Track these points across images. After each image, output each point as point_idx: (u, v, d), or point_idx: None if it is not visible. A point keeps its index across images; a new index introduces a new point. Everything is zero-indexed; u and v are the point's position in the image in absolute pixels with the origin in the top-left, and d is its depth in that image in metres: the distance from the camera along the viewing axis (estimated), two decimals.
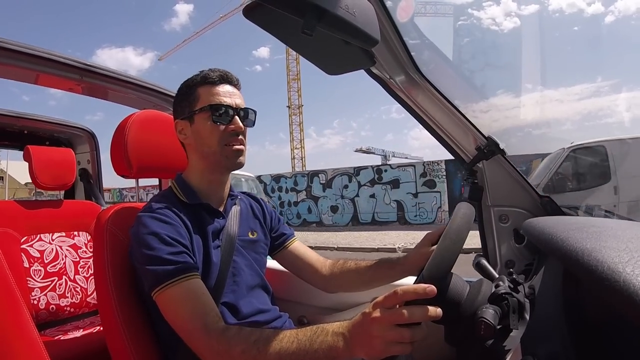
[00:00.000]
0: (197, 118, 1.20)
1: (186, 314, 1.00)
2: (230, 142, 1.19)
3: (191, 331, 0.99)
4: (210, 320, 0.99)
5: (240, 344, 0.92)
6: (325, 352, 0.83)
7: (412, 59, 1.18)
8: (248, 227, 1.35)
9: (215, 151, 1.19)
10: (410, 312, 0.74)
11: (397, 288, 0.77)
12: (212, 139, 1.18)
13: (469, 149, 1.37)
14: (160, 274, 1.03)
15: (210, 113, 1.18)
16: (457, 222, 0.86)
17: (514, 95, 1.43)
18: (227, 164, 1.21)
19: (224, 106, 1.18)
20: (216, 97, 1.19)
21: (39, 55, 1.55)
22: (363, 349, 0.79)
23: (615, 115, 4.39)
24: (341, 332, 0.83)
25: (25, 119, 2.51)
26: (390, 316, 0.76)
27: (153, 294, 1.03)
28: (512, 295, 0.80)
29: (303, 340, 0.86)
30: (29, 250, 2.04)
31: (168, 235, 1.08)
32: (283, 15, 0.68)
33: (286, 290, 1.60)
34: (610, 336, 0.64)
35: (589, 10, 14.38)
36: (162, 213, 1.12)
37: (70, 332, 1.97)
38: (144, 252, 1.06)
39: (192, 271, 1.06)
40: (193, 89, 1.21)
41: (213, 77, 1.20)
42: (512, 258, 1.37)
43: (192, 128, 1.21)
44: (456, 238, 0.82)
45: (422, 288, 0.74)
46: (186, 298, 1.02)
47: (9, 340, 1.08)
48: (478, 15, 3.07)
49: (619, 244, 0.55)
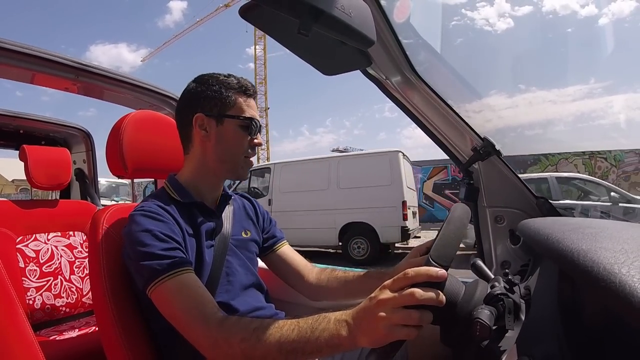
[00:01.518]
0: (227, 122, 1.21)
1: (183, 305, 0.99)
2: (250, 154, 1.25)
3: (189, 322, 0.97)
4: (208, 311, 0.98)
5: (239, 333, 0.91)
6: (327, 340, 0.81)
7: (408, 59, 1.18)
8: (241, 227, 1.35)
9: (237, 159, 1.23)
10: (421, 293, 0.72)
11: (407, 269, 0.75)
12: (238, 147, 1.22)
13: (464, 149, 1.37)
14: (155, 269, 1.02)
15: (244, 123, 1.22)
16: (458, 212, 0.87)
17: (507, 95, 1.44)
18: (240, 173, 1.26)
19: (256, 121, 1.23)
20: (250, 110, 1.23)
21: (35, 55, 1.54)
22: (366, 335, 0.77)
23: (608, 117, 4.51)
24: (344, 319, 0.81)
25: (21, 119, 2.50)
26: (400, 297, 0.73)
27: (148, 289, 1.02)
28: (507, 296, 0.80)
29: (304, 328, 0.84)
30: (25, 250, 2.03)
31: (161, 232, 1.08)
32: (279, 16, 0.68)
33: (281, 290, 1.59)
34: (605, 337, 0.64)
35: (582, 13, 14.34)
36: (155, 211, 1.12)
37: (66, 332, 1.96)
38: (137, 249, 1.05)
39: (187, 266, 1.06)
40: (230, 93, 1.22)
41: (250, 90, 1.25)
42: (508, 259, 1.37)
43: (219, 129, 1.21)
44: (459, 224, 0.83)
45: (434, 270, 0.73)
46: (182, 290, 1.01)
47: (5, 340, 1.07)
48: (472, 16, 3.07)
49: (614, 245, 0.55)
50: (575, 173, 12.02)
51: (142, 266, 1.04)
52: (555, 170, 15.58)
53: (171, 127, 1.31)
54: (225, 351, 0.91)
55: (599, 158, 15.24)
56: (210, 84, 1.22)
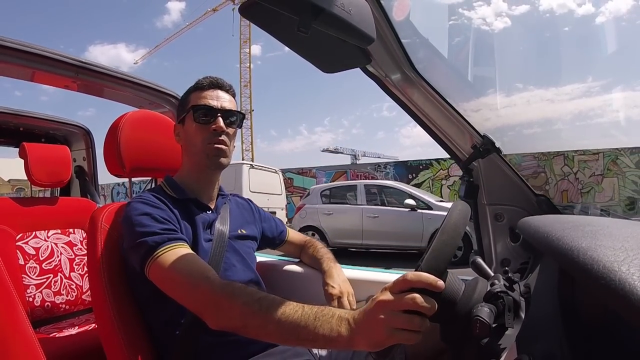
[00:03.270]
0: (186, 119, 1.26)
1: (185, 268, 1.00)
2: (212, 141, 1.24)
3: (192, 283, 0.98)
4: (211, 275, 0.99)
5: (243, 296, 0.91)
6: (324, 333, 0.80)
7: (407, 57, 1.18)
8: (238, 224, 1.37)
9: (199, 150, 1.25)
10: (422, 300, 0.72)
11: (408, 273, 0.76)
12: (197, 138, 1.24)
13: (464, 147, 1.37)
14: (152, 244, 1.04)
15: (194, 113, 1.24)
16: (454, 218, 0.86)
17: (504, 94, 1.44)
18: (208, 163, 1.26)
19: (206, 107, 1.24)
20: (202, 99, 1.25)
21: (35, 53, 1.55)
22: (365, 337, 0.77)
23: (606, 115, 4.53)
24: (346, 318, 0.81)
25: (21, 116, 2.50)
26: (399, 300, 0.74)
27: (147, 265, 1.03)
28: (507, 294, 0.80)
29: (307, 314, 0.84)
30: (24, 248, 2.03)
31: (159, 215, 1.11)
32: (279, 13, 0.68)
33: (279, 286, 1.60)
34: (605, 335, 0.64)
35: (579, 11, 14.15)
36: (152, 199, 1.16)
37: (66, 329, 1.96)
38: (136, 230, 1.07)
39: (184, 242, 1.08)
40: (186, 95, 1.29)
41: (203, 83, 1.27)
42: (508, 256, 1.37)
43: (183, 129, 1.28)
44: (453, 233, 0.82)
45: (434, 279, 0.73)
46: (183, 258, 1.03)
47: (4, 338, 1.08)
48: (469, 15, 3.06)
49: (614, 242, 0.55)
50: (384, 181, 13.04)
51: (139, 244, 1.05)
52: (447, 174, 16.47)
53: (169, 127, 1.32)
54: (226, 312, 0.92)
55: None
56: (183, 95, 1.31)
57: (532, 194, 1.36)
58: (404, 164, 18.14)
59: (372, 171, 18.44)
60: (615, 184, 13.43)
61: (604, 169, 13.72)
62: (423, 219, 8.84)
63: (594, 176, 13.43)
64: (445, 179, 16.70)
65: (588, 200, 13.17)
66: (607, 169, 13.70)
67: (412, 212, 9.01)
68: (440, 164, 16.76)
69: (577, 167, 9.64)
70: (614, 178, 13.51)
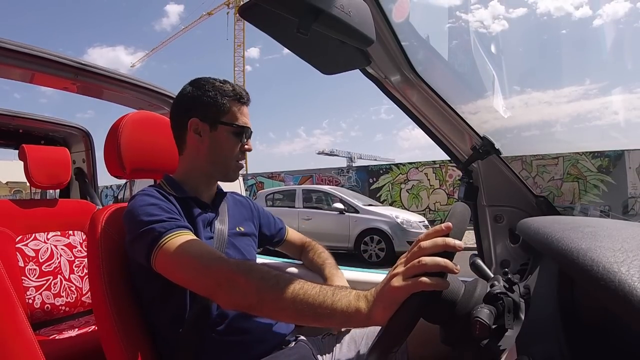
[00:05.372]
0: (221, 128, 1.25)
1: (197, 252, 1.00)
2: (240, 159, 1.29)
3: (204, 263, 0.97)
4: (224, 256, 1.01)
5: (259, 272, 0.91)
6: (342, 308, 0.80)
7: (407, 58, 1.18)
8: (236, 222, 1.37)
9: (228, 163, 1.28)
10: (432, 260, 0.73)
11: (422, 242, 0.77)
12: (230, 152, 1.27)
13: (464, 148, 1.37)
14: (162, 229, 1.04)
15: (237, 130, 1.26)
16: (454, 220, 0.86)
17: (503, 97, 1.44)
18: (230, 176, 1.30)
19: (247, 128, 1.28)
20: (243, 117, 1.28)
21: (34, 55, 1.55)
22: (382, 302, 0.77)
23: (604, 118, 4.51)
24: (364, 295, 0.81)
25: (21, 118, 2.50)
26: (413, 266, 0.75)
27: (154, 253, 1.02)
28: (507, 295, 0.80)
29: (325, 290, 0.84)
30: (24, 250, 2.03)
31: (165, 206, 1.12)
32: (278, 15, 0.68)
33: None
34: (605, 336, 0.64)
35: (577, 14, 14.18)
36: (155, 193, 1.16)
37: (65, 331, 1.96)
38: (142, 219, 1.07)
39: (191, 231, 1.08)
40: (225, 100, 1.25)
41: (244, 98, 1.28)
42: (507, 258, 1.37)
43: (212, 134, 1.25)
44: (453, 236, 0.82)
45: (451, 240, 0.74)
46: (193, 242, 1.03)
47: (4, 340, 1.07)
48: (467, 18, 3.09)
49: (614, 243, 0.55)
50: (320, 186, 13.40)
51: (146, 232, 1.04)
52: (406, 179, 17.07)
53: (169, 128, 1.31)
54: (242, 287, 0.91)
55: (449, 167, 16.25)
56: (207, 89, 1.25)
57: (532, 195, 1.37)
58: (366, 168, 19.03)
59: (335, 175, 19.18)
60: (576, 188, 13.61)
61: (564, 174, 13.89)
62: (349, 221, 9.78)
63: (552, 180, 13.45)
64: (404, 182, 17.24)
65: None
66: (567, 174, 13.90)
67: (340, 215, 9.90)
68: (400, 168, 17.46)
69: (536, 171, 9.78)
70: (575, 183, 13.74)
